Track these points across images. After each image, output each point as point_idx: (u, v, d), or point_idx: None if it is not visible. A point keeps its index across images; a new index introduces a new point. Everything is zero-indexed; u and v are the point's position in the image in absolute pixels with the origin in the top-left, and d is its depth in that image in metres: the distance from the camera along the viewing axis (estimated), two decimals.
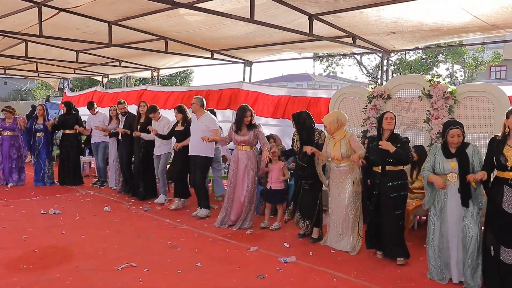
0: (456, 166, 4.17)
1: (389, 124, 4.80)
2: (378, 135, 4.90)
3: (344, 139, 5.16)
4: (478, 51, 24.35)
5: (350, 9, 6.10)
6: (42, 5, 6.81)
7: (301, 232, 5.63)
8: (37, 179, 8.95)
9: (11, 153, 8.92)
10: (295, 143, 5.67)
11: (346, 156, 5.11)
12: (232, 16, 6.03)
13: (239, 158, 6.08)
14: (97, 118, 8.92)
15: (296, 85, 45.57)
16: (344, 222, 5.14)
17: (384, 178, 4.75)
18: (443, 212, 4.27)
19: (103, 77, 15.65)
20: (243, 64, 10.45)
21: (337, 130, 5.21)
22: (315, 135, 5.52)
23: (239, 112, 6.06)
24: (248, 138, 6.00)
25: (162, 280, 4.25)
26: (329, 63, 26.96)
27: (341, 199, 5.16)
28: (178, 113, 7.09)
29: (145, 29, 8.16)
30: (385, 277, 4.40)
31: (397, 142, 4.74)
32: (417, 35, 6.93)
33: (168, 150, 7.58)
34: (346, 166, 5.16)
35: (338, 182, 5.22)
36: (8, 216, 6.49)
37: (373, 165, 4.89)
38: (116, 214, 6.82)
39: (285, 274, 4.44)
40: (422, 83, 6.35)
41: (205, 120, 6.61)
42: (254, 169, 6.05)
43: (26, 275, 4.29)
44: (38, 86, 37.55)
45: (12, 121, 8.97)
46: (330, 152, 5.24)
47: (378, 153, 4.77)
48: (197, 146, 6.47)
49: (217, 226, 6.09)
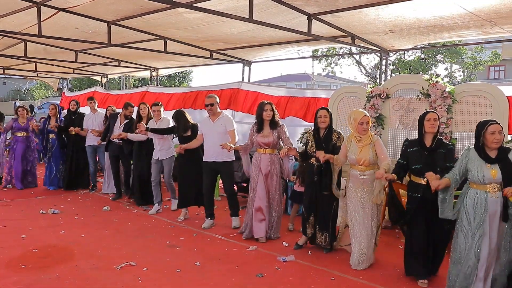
0: (498, 174, 3.57)
1: (432, 126, 4.13)
2: (420, 139, 4.22)
3: (371, 144, 4.56)
4: (476, 51, 24.42)
5: (349, 8, 6.10)
6: (41, 5, 6.81)
7: (300, 243, 5.19)
8: (46, 182, 8.55)
9: (27, 154, 8.59)
10: (310, 144, 5.10)
11: (373, 163, 4.56)
12: (232, 16, 6.03)
13: (261, 162, 5.48)
14: (97, 118, 8.43)
15: (295, 85, 45.58)
16: (369, 237, 4.58)
17: (428, 191, 4.00)
18: (480, 229, 3.65)
19: (102, 77, 15.64)
20: (242, 64, 10.46)
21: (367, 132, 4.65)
22: (333, 136, 5.03)
23: (258, 110, 5.53)
24: (272, 140, 5.40)
25: (161, 279, 4.26)
26: (328, 63, 26.99)
27: (366, 212, 4.57)
28: (175, 122, 6.52)
29: (144, 29, 8.16)
30: (383, 276, 4.41)
31: (442, 148, 4.11)
32: (415, 32, 6.93)
33: (172, 154, 6.99)
34: (372, 174, 4.54)
35: (361, 192, 4.59)
36: (7, 216, 6.49)
37: (414, 175, 4.21)
38: (115, 213, 6.83)
39: (284, 273, 4.46)
40: (421, 83, 6.36)
41: (223, 121, 5.97)
42: (277, 174, 5.51)
43: (26, 275, 4.30)
44: (37, 86, 37.54)
45: (26, 121, 8.61)
46: (354, 158, 4.58)
47: (422, 161, 4.12)
48: (219, 152, 5.73)
49: (244, 238, 5.54)
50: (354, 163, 4.62)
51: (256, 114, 5.56)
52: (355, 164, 4.61)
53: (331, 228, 5.00)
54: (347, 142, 4.72)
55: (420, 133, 4.22)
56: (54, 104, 8.87)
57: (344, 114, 7.27)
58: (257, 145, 5.55)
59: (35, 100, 34.91)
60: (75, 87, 28.83)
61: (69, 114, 8.63)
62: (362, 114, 4.61)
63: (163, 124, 6.90)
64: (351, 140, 4.66)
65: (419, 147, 4.17)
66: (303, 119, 8.10)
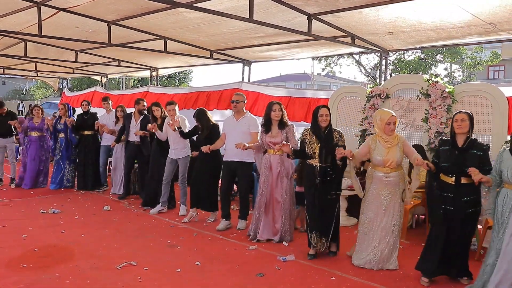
0: None
1: (459, 127, 4.05)
2: (452, 139, 4.16)
3: (399, 144, 4.43)
4: (476, 51, 24.43)
5: (349, 8, 6.12)
6: (41, 4, 6.82)
7: (312, 253, 4.89)
8: (54, 181, 8.45)
9: (40, 154, 8.53)
10: (308, 144, 4.88)
11: (399, 164, 4.45)
12: (232, 16, 6.04)
13: (271, 163, 5.38)
14: (111, 118, 8.39)
15: (295, 84, 45.57)
16: (389, 242, 4.48)
17: (458, 191, 4.02)
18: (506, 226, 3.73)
19: (102, 77, 15.65)
20: (242, 63, 10.46)
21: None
22: (334, 135, 4.85)
23: (266, 109, 5.42)
24: (280, 140, 5.25)
25: (161, 278, 4.26)
26: (327, 62, 27.01)
27: (389, 215, 4.47)
28: (196, 120, 6.34)
29: (144, 28, 8.17)
30: (383, 276, 4.41)
31: (476, 149, 4.03)
32: (415, 35, 6.95)
33: (187, 154, 6.79)
34: (397, 175, 4.47)
35: (385, 195, 4.47)
36: (7, 216, 6.49)
37: (443, 174, 4.15)
38: (116, 213, 6.83)
39: (284, 273, 4.46)
40: (421, 83, 6.37)
41: (247, 120, 5.86)
42: (288, 175, 5.38)
43: (26, 274, 4.30)
44: (37, 86, 37.52)
45: (40, 120, 8.57)
46: (380, 159, 4.45)
47: (451, 160, 4.06)
48: (239, 151, 5.63)
49: (251, 240, 5.47)
50: (380, 165, 4.48)
51: (264, 114, 5.46)
52: (381, 166, 4.48)
53: (332, 232, 4.85)
54: (371, 142, 4.55)
55: (451, 133, 4.19)
56: (64, 103, 8.80)
57: (344, 114, 7.29)
58: (266, 146, 5.46)
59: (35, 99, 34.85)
60: (75, 87, 28.81)
61: (81, 114, 8.53)
62: (390, 114, 4.49)
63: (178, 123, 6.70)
64: (376, 140, 4.51)
65: (451, 147, 4.12)
66: (304, 120, 8.10)
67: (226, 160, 5.91)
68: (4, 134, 8.71)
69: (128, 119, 7.71)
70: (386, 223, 4.49)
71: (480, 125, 5.84)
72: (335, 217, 4.87)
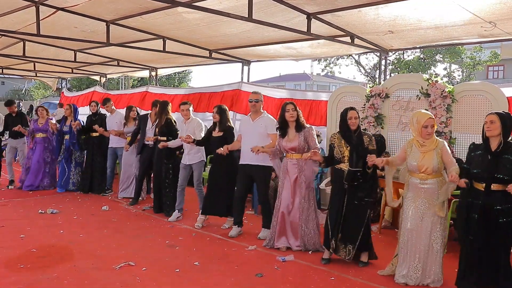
0: None
1: (488, 129, 3.80)
2: (484, 143, 3.90)
3: (436, 150, 4.12)
4: (475, 51, 24.45)
5: (348, 7, 6.10)
6: (39, 4, 6.80)
7: (326, 257, 4.75)
8: (59, 184, 8.28)
9: (45, 156, 8.36)
10: (336, 148, 4.72)
11: (436, 171, 4.12)
12: (231, 15, 6.02)
13: (288, 168, 5.15)
14: (114, 119, 8.11)
15: (294, 85, 45.64)
16: (428, 256, 4.15)
17: (488, 198, 3.77)
18: None
19: (101, 77, 15.63)
20: (241, 63, 10.45)
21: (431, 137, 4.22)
22: (364, 139, 4.65)
23: (280, 111, 5.18)
24: (297, 144, 5.03)
25: (160, 279, 4.25)
26: (327, 63, 27.01)
27: (425, 225, 4.14)
28: (216, 113, 6.02)
29: (143, 28, 8.15)
30: (383, 276, 4.40)
31: (510, 154, 3.74)
32: (415, 34, 6.93)
33: (201, 158, 6.45)
34: (435, 183, 4.13)
35: (421, 204, 4.16)
36: (6, 216, 6.47)
37: (474, 181, 3.88)
38: (114, 213, 6.81)
39: (284, 273, 4.44)
40: (420, 82, 6.36)
41: (264, 121, 5.57)
42: (306, 182, 5.08)
43: (24, 274, 4.28)
44: (36, 86, 37.47)
45: (45, 121, 8.43)
46: (415, 164, 4.16)
47: (482, 166, 3.81)
48: (253, 154, 5.34)
49: (265, 246, 5.24)
50: (415, 170, 4.18)
51: (279, 116, 5.22)
52: (416, 172, 4.18)
53: (360, 240, 4.58)
54: (407, 146, 4.28)
55: (483, 136, 3.91)
56: (70, 104, 8.65)
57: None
58: (284, 151, 5.21)
59: (34, 100, 34.82)
60: (74, 87, 28.80)
61: (89, 115, 8.38)
62: (427, 116, 4.16)
63: (192, 125, 6.41)
64: (412, 144, 4.24)
65: (484, 151, 3.86)
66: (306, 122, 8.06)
67: (242, 164, 5.65)
68: (15, 135, 8.66)
69: (143, 121, 7.35)
70: (424, 236, 4.14)
71: (479, 125, 5.82)
72: (365, 225, 4.61)
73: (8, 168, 8.78)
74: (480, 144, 3.98)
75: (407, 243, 4.21)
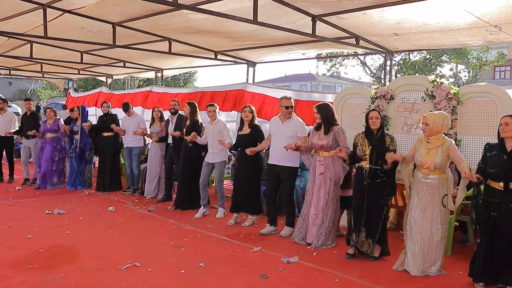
0: None
1: (503, 131, 3.97)
2: (500, 144, 4.05)
3: (442, 147, 4.36)
4: (482, 51, 24.32)
5: (353, 10, 6.11)
6: (47, 6, 6.86)
7: (351, 252, 4.95)
8: (69, 182, 8.58)
9: (53, 155, 8.59)
10: (359, 147, 4.93)
11: (439, 167, 4.36)
12: (236, 17, 6.05)
13: (316, 165, 5.35)
14: (132, 121, 8.26)
15: (300, 85, 45.61)
16: (429, 245, 4.41)
17: (506, 197, 3.92)
18: None
19: (107, 78, 15.72)
20: (246, 64, 10.47)
21: (437, 134, 4.43)
22: (386, 139, 4.83)
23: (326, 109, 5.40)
24: (326, 143, 5.25)
25: (165, 280, 4.28)
26: (332, 63, 26.98)
27: (426, 217, 4.41)
28: (248, 113, 6.15)
29: (149, 30, 8.20)
30: (387, 278, 4.41)
31: None
32: (419, 37, 6.93)
33: (224, 158, 6.70)
34: (437, 178, 4.40)
35: (423, 197, 4.44)
36: (13, 216, 6.54)
37: (491, 180, 4.05)
38: (120, 214, 6.86)
39: (288, 274, 4.46)
40: (425, 84, 6.34)
41: (293, 125, 5.74)
42: (332, 179, 5.25)
43: (31, 275, 4.33)
44: (43, 86, 37.70)
45: (53, 122, 8.66)
46: (420, 159, 4.42)
47: (499, 165, 3.96)
48: (282, 155, 5.59)
49: (295, 241, 5.45)
50: (419, 165, 4.47)
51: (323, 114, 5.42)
52: (420, 166, 4.46)
53: (379, 234, 4.79)
54: (417, 142, 4.57)
55: (498, 137, 4.06)
56: (79, 106, 8.84)
57: (348, 115, 7.27)
58: (314, 147, 5.42)
59: (41, 100, 35.03)
60: (80, 88, 28.92)
61: (101, 116, 8.57)
62: (424, 115, 4.50)
63: (218, 126, 6.55)
64: (421, 141, 4.53)
65: (499, 151, 4.02)
66: (313, 124, 8.07)
67: (270, 163, 5.86)
68: (28, 135, 8.80)
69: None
70: (425, 226, 4.41)
71: (485, 127, 5.81)
72: (383, 219, 4.83)
73: (24, 167, 9.16)
74: (495, 144, 4.13)
75: (411, 232, 4.48)
